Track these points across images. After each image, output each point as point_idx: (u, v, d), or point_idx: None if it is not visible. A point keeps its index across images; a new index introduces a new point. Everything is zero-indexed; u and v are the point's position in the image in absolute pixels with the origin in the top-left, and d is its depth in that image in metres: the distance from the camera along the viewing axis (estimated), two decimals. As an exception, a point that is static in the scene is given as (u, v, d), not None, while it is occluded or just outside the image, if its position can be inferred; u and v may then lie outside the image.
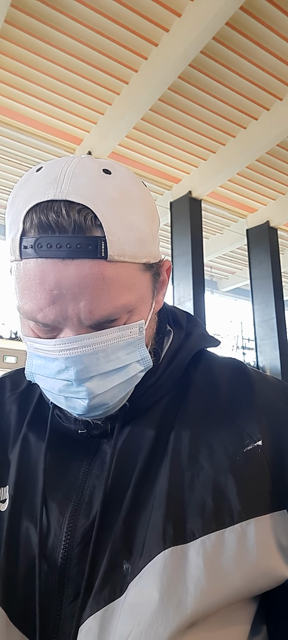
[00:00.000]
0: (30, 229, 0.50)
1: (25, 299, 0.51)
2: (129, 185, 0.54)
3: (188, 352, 0.64)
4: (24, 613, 0.52)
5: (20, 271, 0.51)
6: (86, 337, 0.51)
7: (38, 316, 0.51)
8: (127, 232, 0.51)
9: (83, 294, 0.49)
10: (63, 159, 0.54)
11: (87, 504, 0.55)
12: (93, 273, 0.49)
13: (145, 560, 0.49)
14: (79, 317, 0.50)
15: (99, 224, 0.49)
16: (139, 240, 0.53)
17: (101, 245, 0.49)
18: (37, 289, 0.50)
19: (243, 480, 0.52)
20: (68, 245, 0.48)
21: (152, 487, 0.54)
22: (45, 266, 0.49)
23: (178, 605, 0.46)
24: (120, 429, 0.59)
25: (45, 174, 0.52)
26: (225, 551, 0.49)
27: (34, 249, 0.49)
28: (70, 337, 0.51)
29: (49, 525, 0.55)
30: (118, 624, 0.47)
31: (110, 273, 0.50)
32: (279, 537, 0.51)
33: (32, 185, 0.51)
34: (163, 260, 0.61)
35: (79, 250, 0.48)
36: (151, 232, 0.56)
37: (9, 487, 0.60)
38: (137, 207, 0.53)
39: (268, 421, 0.57)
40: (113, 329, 0.53)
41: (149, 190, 0.59)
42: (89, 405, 0.53)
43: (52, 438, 0.62)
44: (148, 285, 0.57)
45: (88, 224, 0.49)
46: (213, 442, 0.55)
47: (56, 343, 0.52)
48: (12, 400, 0.69)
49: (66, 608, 0.51)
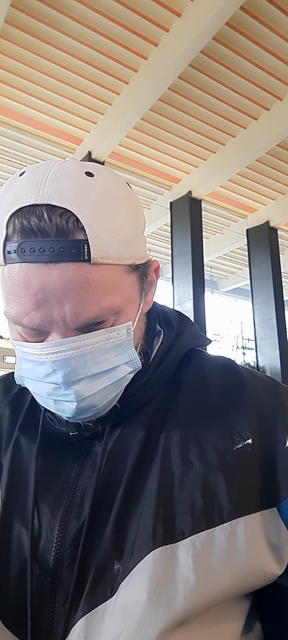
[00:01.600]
0: (13, 233, 0.50)
1: (11, 304, 0.51)
2: (112, 187, 0.54)
3: (179, 352, 0.64)
4: (16, 616, 0.52)
5: (5, 276, 0.51)
6: (73, 340, 0.51)
7: (24, 320, 0.51)
8: (110, 234, 0.51)
9: (67, 298, 0.49)
10: (46, 162, 0.54)
11: (78, 505, 0.55)
12: (77, 276, 0.49)
13: (135, 560, 0.49)
14: (64, 320, 0.50)
15: (82, 227, 0.49)
16: (122, 242, 0.52)
17: (84, 249, 0.49)
18: (22, 293, 0.50)
19: (233, 479, 0.52)
20: (51, 249, 0.48)
21: (143, 487, 0.54)
22: (29, 270, 0.49)
23: (168, 605, 0.46)
24: (111, 430, 0.59)
25: (28, 179, 0.52)
26: (215, 550, 0.49)
27: (17, 254, 0.49)
28: (57, 340, 0.51)
29: (41, 527, 0.55)
30: (109, 625, 0.47)
31: (95, 276, 0.50)
32: (269, 535, 0.51)
33: (14, 190, 0.51)
34: (151, 261, 0.61)
35: (61, 254, 0.48)
36: (136, 233, 0.55)
37: (0, 490, 0.60)
38: (121, 208, 0.53)
39: (258, 419, 0.57)
40: (100, 331, 0.53)
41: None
42: (77, 408, 0.53)
43: (43, 441, 0.62)
44: (135, 287, 0.57)
45: (70, 227, 0.49)
46: (203, 440, 0.55)
47: (43, 347, 0.52)
48: (5, 404, 0.69)
49: (58, 610, 0.51)
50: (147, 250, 0.61)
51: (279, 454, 0.54)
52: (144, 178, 7.27)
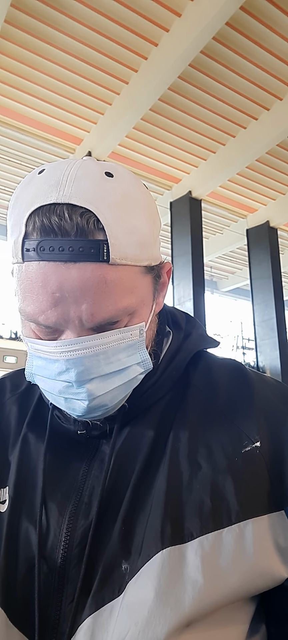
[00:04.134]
0: (32, 231, 0.50)
1: (27, 301, 0.51)
2: (131, 188, 0.54)
3: (187, 353, 0.64)
4: (24, 613, 0.52)
5: (22, 273, 0.51)
6: (87, 339, 0.52)
7: (40, 318, 0.51)
8: (129, 235, 0.51)
9: (85, 297, 0.49)
10: (65, 161, 0.54)
11: (86, 504, 0.55)
12: (95, 276, 0.49)
13: (143, 560, 0.49)
14: (80, 319, 0.51)
15: (101, 228, 0.49)
16: (140, 243, 0.53)
17: (103, 249, 0.49)
18: (39, 291, 0.50)
19: (242, 481, 0.52)
20: (70, 248, 0.48)
21: (151, 488, 0.54)
22: (48, 269, 0.49)
23: (176, 605, 0.46)
24: (119, 429, 0.59)
25: (48, 177, 0.52)
26: (223, 551, 0.49)
27: (36, 252, 0.49)
28: (71, 339, 0.52)
29: (49, 525, 0.55)
30: (116, 624, 0.47)
31: (112, 276, 0.50)
32: (277, 537, 0.51)
33: (34, 188, 0.51)
34: (164, 262, 0.61)
35: (81, 253, 0.48)
36: (152, 235, 0.56)
37: (8, 488, 0.60)
38: (139, 210, 0.54)
39: (267, 422, 0.57)
40: (114, 331, 0.53)
41: (150, 191, 0.59)
42: (88, 407, 0.53)
43: (51, 439, 0.62)
44: (149, 288, 0.57)
45: (90, 227, 0.49)
46: (211, 442, 0.56)
47: (57, 345, 0.52)
48: (12, 402, 0.69)
49: (65, 608, 0.51)
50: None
51: (287, 457, 0.55)
52: (143, 178, 7.27)
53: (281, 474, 0.54)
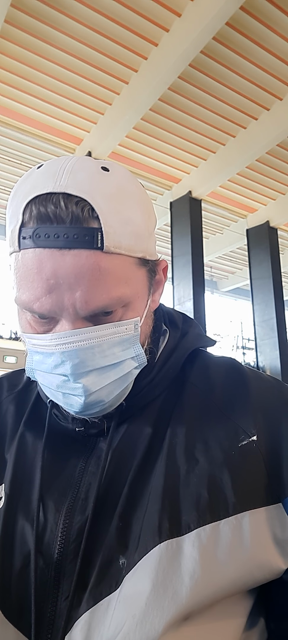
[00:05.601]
0: (29, 220, 0.51)
1: (23, 289, 0.52)
2: (126, 183, 0.55)
3: (184, 351, 0.65)
4: (19, 610, 0.52)
5: (18, 262, 0.52)
6: (82, 331, 0.52)
7: (34, 306, 0.52)
8: (123, 225, 0.52)
9: (79, 284, 0.50)
10: (63, 157, 0.56)
11: (83, 500, 0.56)
12: (89, 263, 0.50)
13: (140, 554, 0.49)
14: (74, 307, 0.51)
15: (96, 216, 0.50)
16: (134, 234, 0.54)
17: (98, 237, 0.50)
18: (34, 278, 0.51)
19: (239, 474, 0.53)
20: (65, 235, 0.49)
21: (148, 483, 0.54)
22: (43, 256, 0.50)
23: (173, 597, 0.47)
24: (116, 427, 0.59)
25: (45, 170, 0.53)
26: (220, 543, 0.49)
27: (32, 239, 0.50)
28: (66, 331, 0.52)
29: (46, 521, 0.56)
30: (113, 617, 0.47)
31: (106, 264, 0.51)
32: (274, 530, 0.51)
33: (32, 181, 0.53)
34: (160, 260, 0.62)
35: (75, 240, 0.49)
36: (147, 228, 0.57)
37: (4, 485, 0.60)
38: (134, 203, 0.55)
39: (263, 417, 0.57)
40: (108, 324, 0.54)
41: (149, 190, 0.60)
42: (85, 403, 0.54)
43: (49, 437, 0.62)
44: (144, 282, 0.58)
45: (85, 215, 0.50)
46: (208, 437, 0.56)
47: (52, 337, 0.53)
48: (10, 400, 0.70)
49: (61, 604, 0.51)
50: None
51: (284, 451, 0.55)
52: (144, 178, 7.27)
53: (278, 467, 0.54)
